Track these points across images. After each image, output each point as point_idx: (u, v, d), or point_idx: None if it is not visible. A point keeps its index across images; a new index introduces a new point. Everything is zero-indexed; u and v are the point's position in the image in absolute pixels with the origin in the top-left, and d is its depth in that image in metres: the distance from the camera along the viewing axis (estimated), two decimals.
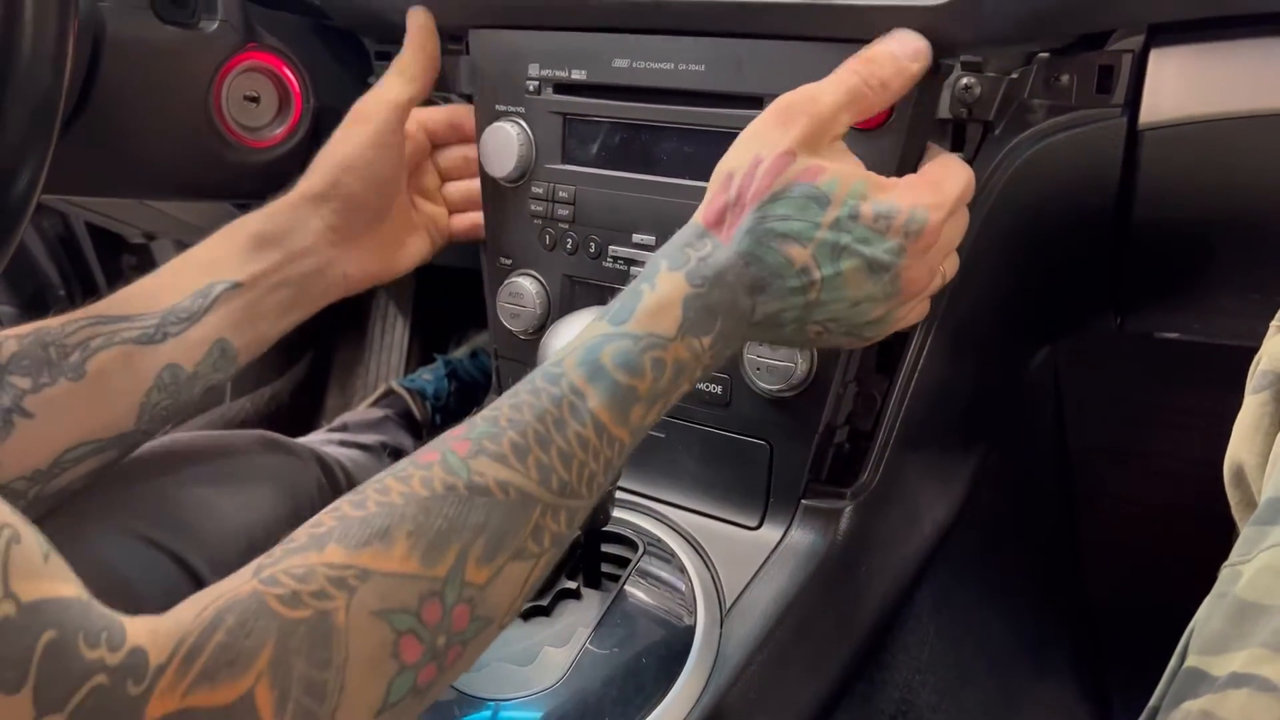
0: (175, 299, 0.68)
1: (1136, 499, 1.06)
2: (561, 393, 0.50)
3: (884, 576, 0.77)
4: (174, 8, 0.79)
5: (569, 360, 0.51)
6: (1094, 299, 0.83)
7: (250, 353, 0.71)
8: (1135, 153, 0.64)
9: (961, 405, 0.85)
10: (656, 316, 0.52)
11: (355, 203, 0.74)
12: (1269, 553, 0.42)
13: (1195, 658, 0.41)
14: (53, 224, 1.54)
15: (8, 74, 0.51)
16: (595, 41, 0.73)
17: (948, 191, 0.58)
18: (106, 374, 0.64)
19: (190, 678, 0.38)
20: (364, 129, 0.74)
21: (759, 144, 0.56)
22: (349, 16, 0.89)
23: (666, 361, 0.52)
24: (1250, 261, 0.73)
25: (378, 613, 0.42)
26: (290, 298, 0.72)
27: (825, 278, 0.55)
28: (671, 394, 0.53)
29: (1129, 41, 0.62)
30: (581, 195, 0.75)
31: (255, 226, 0.71)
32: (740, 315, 0.54)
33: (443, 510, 0.45)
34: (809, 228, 0.55)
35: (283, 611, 0.41)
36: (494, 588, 0.46)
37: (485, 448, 0.47)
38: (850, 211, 0.55)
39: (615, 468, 0.52)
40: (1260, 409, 0.49)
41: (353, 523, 0.44)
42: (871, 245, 0.55)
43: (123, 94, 0.79)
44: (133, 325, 0.66)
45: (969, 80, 0.63)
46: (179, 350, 0.67)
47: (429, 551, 0.44)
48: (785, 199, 0.55)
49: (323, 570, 0.42)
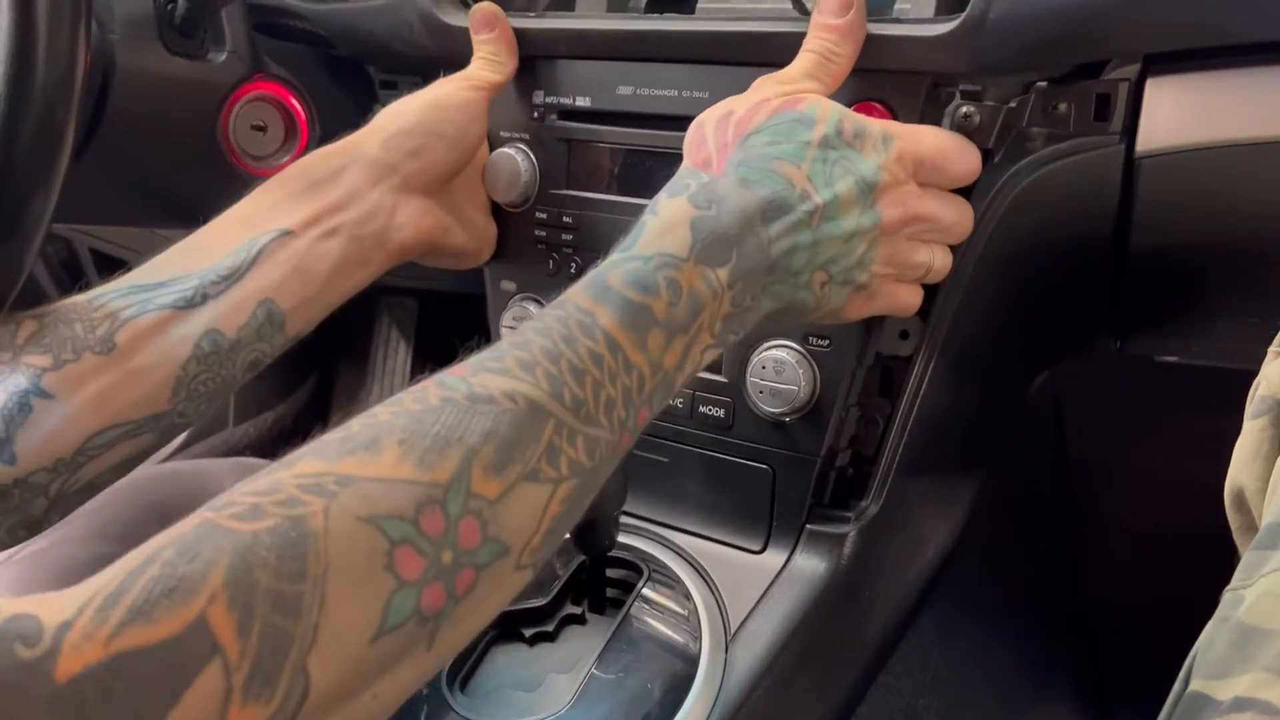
0: (216, 257, 0.61)
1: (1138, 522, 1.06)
2: (567, 313, 0.45)
3: (887, 600, 0.77)
4: (182, 40, 0.80)
5: (574, 290, 0.47)
6: (1094, 323, 0.84)
7: (300, 321, 0.63)
8: (1133, 180, 0.64)
9: (963, 429, 0.85)
10: (664, 236, 0.49)
11: (426, 150, 0.68)
12: (1270, 577, 0.42)
13: (1199, 682, 0.42)
14: (57, 250, 1.54)
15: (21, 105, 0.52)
16: (600, 69, 0.74)
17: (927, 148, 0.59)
18: (138, 345, 0.57)
19: (113, 622, 0.31)
20: (460, 84, 0.71)
21: (729, 103, 0.58)
22: (354, 46, 0.90)
23: (681, 284, 0.48)
24: (1248, 287, 0.73)
25: (365, 518, 0.36)
26: (342, 252, 0.64)
27: (825, 203, 0.54)
28: (691, 332, 0.48)
29: (1125, 70, 0.63)
30: (585, 220, 0.76)
31: (306, 166, 0.66)
32: (758, 249, 0.51)
33: (440, 418, 0.40)
34: (799, 148, 0.54)
35: (239, 526, 0.34)
36: (507, 506, 0.40)
37: (485, 364, 0.43)
38: (835, 128, 0.56)
39: (637, 406, 0.46)
40: (1259, 434, 0.49)
41: (331, 441, 0.39)
42: (857, 163, 0.56)
43: (132, 124, 0.80)
44: (169, 290, 0.59)
45: (968, 109, 0.63)
46: (220, 314, 0.59)
47: (426, 456, 0.38)
48: (769, 128, 0.55)
49: (291, 481, 0.36)
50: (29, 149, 0.52)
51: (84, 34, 0.53)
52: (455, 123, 0.70)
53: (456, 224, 0.74)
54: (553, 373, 0.43)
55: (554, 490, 0.42)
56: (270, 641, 0.33)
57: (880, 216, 0.57)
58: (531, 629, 0.68)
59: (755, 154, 0.54)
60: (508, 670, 0.65)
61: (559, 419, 0.42)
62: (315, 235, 0.64)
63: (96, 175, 0.79)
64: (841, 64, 0.61)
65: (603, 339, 0.45)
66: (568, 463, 0.42)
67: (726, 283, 0.50)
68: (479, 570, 0.39)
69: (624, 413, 0.45)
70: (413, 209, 0.68)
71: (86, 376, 0.56)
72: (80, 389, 0.56)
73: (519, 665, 0.66)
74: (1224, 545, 0.52)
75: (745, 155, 0.54)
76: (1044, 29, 0.60)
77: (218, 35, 0.83)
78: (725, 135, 0.57)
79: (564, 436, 0.42)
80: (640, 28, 0.71)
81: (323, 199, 0.64)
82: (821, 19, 0.61)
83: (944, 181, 0.61)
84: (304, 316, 0.64)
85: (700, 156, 0.57)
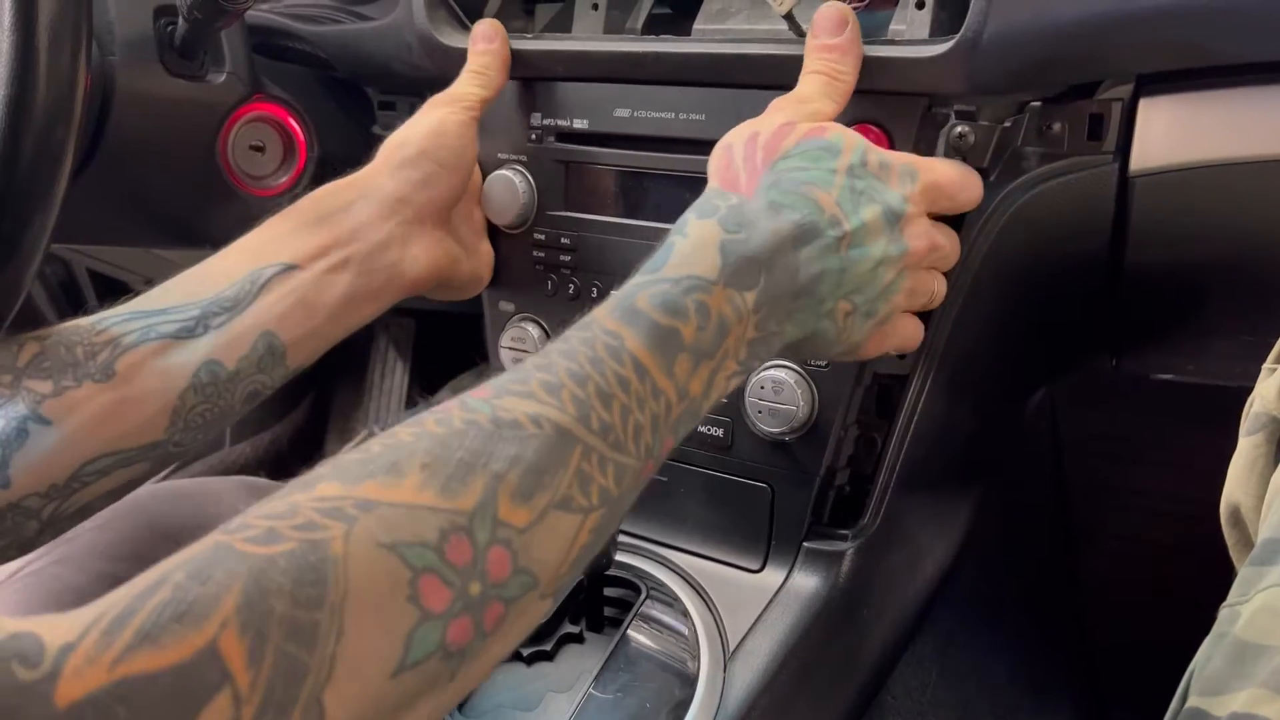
0: (220, 287, 0.61)
1: (1136, 538, 1.06)
2: (594, 335, 0.44)
3: (886, 619, 0.77)
4: (182, 61, 0.81)
5: (600, 311, 0.46)
6: (1089, 341, 0.84)
7: (302, 354, 0.63)
8: (1127, 199, 0.65)
9: (960, 446, 0.85)
10: (693, 259, 0.48)
11: (433, 181, 0.68)
12: (1267, 593, 0.42)
13: (1196, 698, 0.42)
14: (54, 270, 1.54)
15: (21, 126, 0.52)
16: (597, 91, 0.74)
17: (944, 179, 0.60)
18: (137, 373, 0.57)
19: (118, 646, 0.30)
20: (447, 111, 0.70)
21: (752, 125, 0.58)
22: (353, 68, 0.90)
23: (710, 307, 0.47)
24: (1243, 304, 0.74)
25: (386, 545, 0.34)
26: (350, 286, 0.64)
27: (853, 230, 0.53)
28: (717, 359, 0.47)
29: (1118, 90, 0.63)
30: (583, 241, 0.77)
31: (317, 199, 0.65)
32: (786, 272, 0.51)
33: (464, 443, 0.38)
34: (826, 174, 0.54)
35: (255, 549, 0.33)
36: (537, 536, 0.38)
37: (510, 388, 0.41)
38: (860, 158, 0.55)
39: (663, 434, 0.45)
40: (1254, 450, 0.50)
41: (350, 463, 0.37)
42: (883, 192, 0.55)
43: (131, 144, 0.80)
44: (170, 318, 0.59)
45: (963, 129, 0.64)
46: (220, 344, 0.59)
47: (449, 482, 0.37)
48: (796, 154, 0.55)
49: (311, 505, 0.35)
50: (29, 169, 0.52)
51: (84, 55, 0.54)
52: (454, 148, 0.69)
53: (463, 252, 0.74)
54: (579, 396, 0.41)
55: (584, 519, 0.41)
56: (284, 672, 0.31)
57: (907, 246, 0.56)
58: (529, 648, 0.68)
59: (786, 178, 0.54)
60: (506, 689, 0.65)
61: (587, 444, 0.41)
62: (322, 268, 0.63)
63: (95, 195, 0.80)
64: (847, 82, 0.61)
65: (630, 362, 0.44)
66: (598, 491, 0.41)
67: (753, 306, 0.49)
68: (508, 604, 0.37)
69: (651, 440, 0.44)
70: (426, 241, 0.68)
71: (85, 403, 0.56)
72: (78, 416, 0.55)
73: (517, 684, 0.66)
74: (1221, 561, 0.52)
75: (776, 179, 0.54)
76: (1038, 49, 0.61)
77: (217, 56, 0.83)
78: (754, 156, 0.56)
79: (593, 463, 0.41)
80: (637, 49, 0.72)
81: (331, 232, 0.64)
82: (819, 40, 0.61)
83: (952, 210, 0.62)
84: (306, 349, 0.63)
85: (728, 177, 0.56)
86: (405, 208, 0.67)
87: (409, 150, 0.68)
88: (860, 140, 0.57)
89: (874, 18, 0.68)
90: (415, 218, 0.67)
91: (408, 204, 0.67)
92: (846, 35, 0.61)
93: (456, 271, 0.72)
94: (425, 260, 0.68)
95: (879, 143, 0.64)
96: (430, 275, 0.69)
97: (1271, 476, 0.49)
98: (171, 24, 0.79)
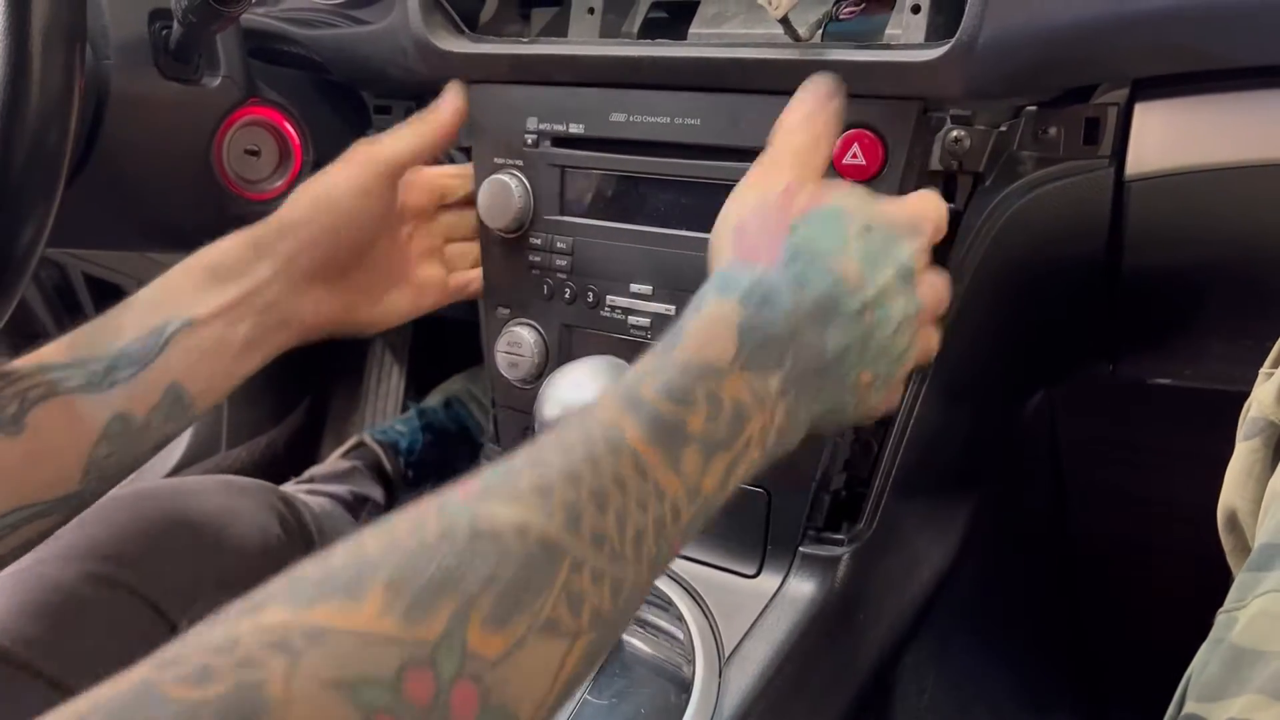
0: (125, 341, 0.62)
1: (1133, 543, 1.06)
2: (590, 428, 0.40)
3: (882, 624, 0.77)
4: (177, 64, 0.81)
5: (604, 397, 0.43)
6: (1086, 346, 0.84)
7: (206, 401, 0.66)
8: (1123, 203, 0.65)
9: (957, 451, 0.85)
10: (706, 342, 0.45)
11: (322, 242, 0.70)
12: (1264, 598, 0.42)
13: (1193, 704, 0.42)
14: (50, 275, 1.54)
15: (15, 129, 0.52)
16: (593, 96, 0.74)
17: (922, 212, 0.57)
18: (47, 428, 0.58)
19: None
20: (349, 171, 0.71)
21: (756, 191, 0.55)
22: (349, 72, 0.90)
23: (723, 397, 0.43)
24: (1240, 309, 0.74)
25: (333, 683, 0.30)
26: (247, 336, 0.67)
27: (874, 296, 0.51)
28: (736, 449, 0.44)
29: (1114, 95, 0.63)
30: (579, 246, 0.76)
31: (212, 258, 0.67)
32: (813, 353, 0.48)
33: (434, 559, 0.34)
34: (840, 243, 0.52)
35: (182, 693, 0.28)
36: (513, 666, 0.33)
37: (495, 489, 0.37)
38: (866, 221, 0.54)
39: (671, 538, 0.41)
40: (1251, 455, 0.50)
41: (306, 580, 0.33)
42: (893, 249, 0.53)
43: (126, 148, 0.80)
44: (77, 372, 0.60)
45: (959, 133, 0.64)
46: (128, 398, 0.61)
47: (413, 607, 0.32)
48: (806, 224, 0.53)
49: (253, 636, 0.30)
50: (23, 173, 0.52)
51: (78, 59, 0.54)
52: (347, 212, 0.70)
53: (365, 300, 0.75)
54: (570, 500, 0.37)
55: (570, 646, 0.36)
56: None
57: (922, 304, 0.54)
58: None
59: (805, 250, 0.51)
60: None
61: (576, 557, 0.36)
62: (221, 325, 0.66)
63: (90, 200, 0.79)
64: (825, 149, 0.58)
65: (630, 460, 0.40)
66: (589, 611, 0.36)
67: (779, 389, 0.46)
68: None
69: (655, 548, 0.40)
70: (313, 297, 0.71)
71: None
72: None
73: None
74: (1218, 566, 0.52)
75: (796, 249, 0.51)
76: (1033, 53, 0.61)
77: (212, 60, 0.83)
78: (770, 223, 0.53)
79: (584, 578, 0.36)
80: (632, 54, 0.72)
81: (227, 292, 0.67)
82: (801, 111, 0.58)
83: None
84: (210, 397, 0.66)
85: (744, 248, 0.52)
86: (294, 269, 0.69)
87: (298, 213, 0.70)
88: (859, 202, 0.55)
89: (870, 22, 0.68)
90: (304, 276, 0.69)
91: (294, 263, 0.69)
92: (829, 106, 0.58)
93: (353, 317, 0.74)
94: (315, 311, 0.71)
95: (873, 148, 0.64)
96: (323, 323, 0.72)
97: (1269, 481, 0.49)
98: (166, 27, 0.79)
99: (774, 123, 0.66)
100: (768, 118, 0.67)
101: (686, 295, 0.71)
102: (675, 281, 0.73)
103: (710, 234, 0.55)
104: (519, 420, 0.83)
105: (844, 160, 0.65)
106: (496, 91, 0.79)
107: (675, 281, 0.73)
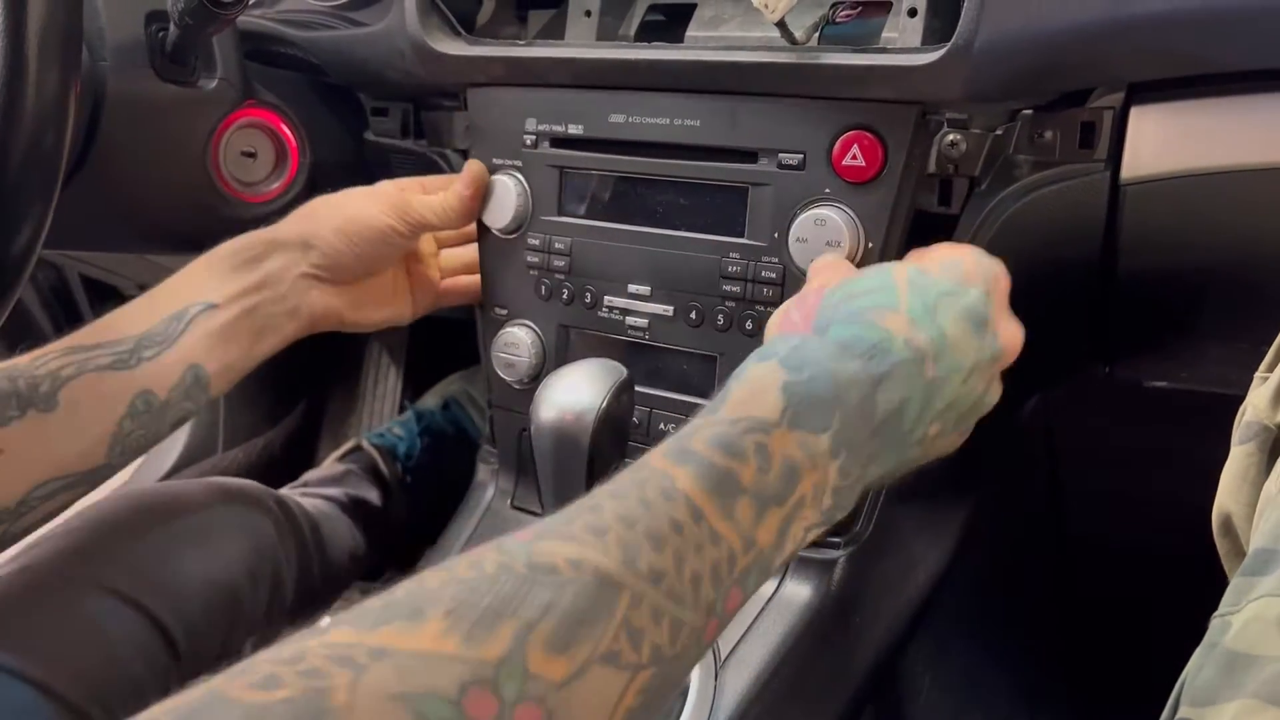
0: (150, 324, 0.66)
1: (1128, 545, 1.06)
2: (645, 476, 0.41)
3: (879, 626, 0.77)
4: (174, 66, 0.81)
5: (654, 453, 0.43)
6: (1083, 349, 0.84)
7: (221, 383, 0.69)
8: (1118, 206, 0.65)
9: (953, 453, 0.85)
10: (751, 402, 0.44)
11: (342, 262, 0.74)
12: (1258, 603, 0.42)
13: (1187, 709, 0.42)
14: (46, 276, 1.54)
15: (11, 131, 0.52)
16: (592, 97, 0.74)
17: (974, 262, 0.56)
18: (78, 403, 0.61)
19: None
20: (381, 214, 0.74)
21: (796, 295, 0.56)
22: (346, 74, 0.90)
23: (772, 451, 0.43)
24: (1235, 311, 0.74)
25: (396, 696, 0.31)
26: (260, 323, 0.71)
27: (934, 347, 0.49)
28: (789, 506, 0.43)
29: (1110, 99, 0.63)
30: (577, 246, 0.76)
31: (234, 249, 0.71)
32: (864, 412, 0.47)
33: (494, 588, 0.35)
34: (888, 294, 0.50)
35: (250, 696, 0.30)
36: (575, 692, 0.34)
37: (550, 531, 0.38)
38: (917, 270, 0.52)
39: (728, 586, 0.40)
40: (1246, 459, 0.50)
41: (369, 608, 0.34)
42: (959, 294, 0.51)
43: (123, 150, 0.80)
44: (106, 352, 0.64)
45: (955, 136, 0.64)
46: (152, 376, 0.65)
47: (474, 629, 0.33)
48: (846, 286, 0.51)
49: (319, 650, 0.32)
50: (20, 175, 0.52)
51: (74, 61, 0.54)
52: (370, 242, 0.74)
53: (370, 302, 0.79)
54: (627, 539, 0.38)
55: (631, 678, 0.36)
56: None
57: (1001, 348, 0.53)
58: None
59: (844, 309, 0.50)
60: None
61: (636, 592, 0.37)
62: (239, 310, 0.70)
63: (87, 201, 0.79)
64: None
65: (684, 503, 0.40)
66: (650, 647, 0.37)
67: (829, 450, 0.45)
68: None
69: (712, 593, 0.40)
70: (320, 293, 0.75)
71: (31, 432, 0.60)
72: (25, 444, 0.59)
73: None
74: (1213, 570, 0.52)
75: (834, 313, 0.50)
76: (1029, 57, 0.61)
77: (209, 62, 0.83)
78: (806, 300, 0.53)
79: (644, 614, 0.37)
80: (629, 57, 0.72)
81: (244, 280, 0.71)
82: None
83: None
84: (226, 378, 0.70)
85: (785, 326, 0.53)
86: (304, 265, 0.73)
87: (321, 228, 0.74)
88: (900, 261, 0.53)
89: (866, 25, 0.68)
90: (315, 277, 0.74)
91: (306, 262, 0.73)
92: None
93: (356, 315, 0.78)
94: (322, 307, 0.75)
95: (873, 149, 0.64)
96: (328, 319, 0.76)
97: (1263, 485, 0.49)
98: (163, 29, 0.79)
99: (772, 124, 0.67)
100: (766, 119, 0.67)
101: (684, 296, 0.72)
102: (673, 282, 0.73)
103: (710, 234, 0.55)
104: (515, 421, 0.83)
105: (844, 162, 0.65)
106: (495, 94, 0.79)
107: (673, 282, 0.73)
